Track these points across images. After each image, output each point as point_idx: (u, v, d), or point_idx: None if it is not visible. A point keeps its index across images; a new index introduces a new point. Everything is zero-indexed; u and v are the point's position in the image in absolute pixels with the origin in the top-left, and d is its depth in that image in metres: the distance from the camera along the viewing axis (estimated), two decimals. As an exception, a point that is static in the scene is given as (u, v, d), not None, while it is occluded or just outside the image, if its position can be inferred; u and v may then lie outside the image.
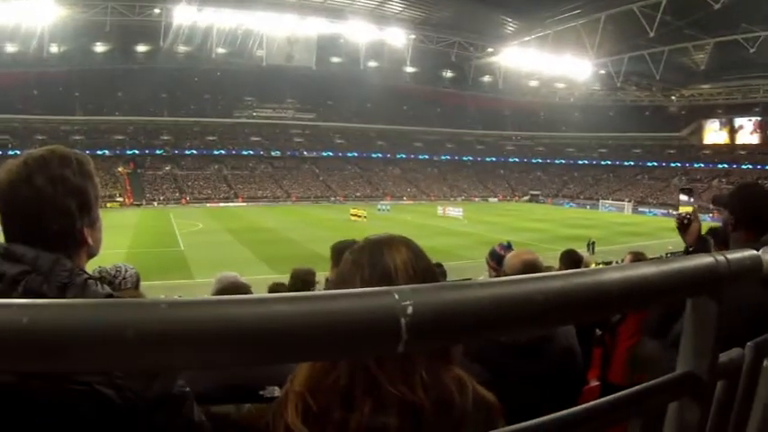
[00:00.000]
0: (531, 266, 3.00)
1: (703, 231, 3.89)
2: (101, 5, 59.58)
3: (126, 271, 3.54)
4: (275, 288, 6.75)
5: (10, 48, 66.98)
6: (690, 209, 3.22)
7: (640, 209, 73.49)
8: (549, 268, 4.42)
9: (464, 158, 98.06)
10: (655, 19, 57.52)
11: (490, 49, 79.97)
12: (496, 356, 2.60)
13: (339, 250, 4.27)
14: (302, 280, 5.21)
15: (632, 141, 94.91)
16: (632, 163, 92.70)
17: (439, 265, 4.81)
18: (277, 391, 2.27)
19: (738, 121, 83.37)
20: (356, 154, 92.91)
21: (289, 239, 39.45)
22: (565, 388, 2.83)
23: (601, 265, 11.07)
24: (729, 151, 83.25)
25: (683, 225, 3.32)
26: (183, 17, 63.52)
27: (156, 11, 63.05)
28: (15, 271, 1.37)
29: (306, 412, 1.17)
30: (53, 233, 1.47)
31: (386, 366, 1.14)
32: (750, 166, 77.40)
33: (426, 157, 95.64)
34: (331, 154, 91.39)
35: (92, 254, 1.61)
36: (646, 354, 3.60)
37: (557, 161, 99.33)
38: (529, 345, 2.74)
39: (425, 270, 1.28)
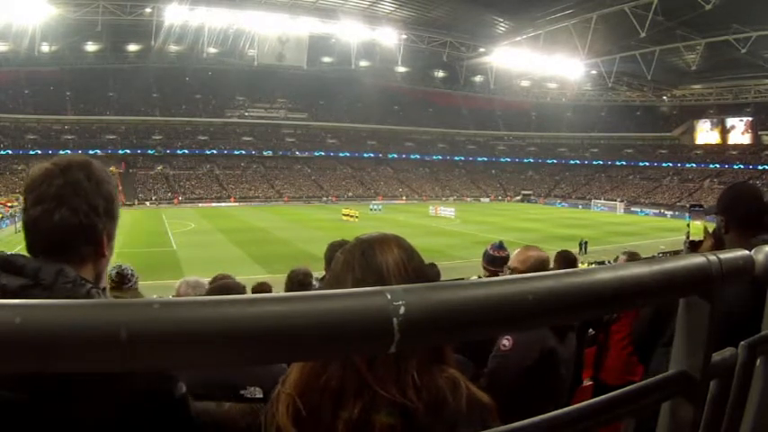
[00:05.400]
0: (544, 264, 3.16)
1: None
2: (92, 4, 59.09)
3: (131, 270, 3.63)
4: (259, 288, 6.67)
5: (1, 46, 66.47)
6: (701, 228, 3.11)
7: (632, 208, 73.88)
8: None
9: (456, 158, 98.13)
10: (646, 19, 57.53)
11: (482, 49, 79.79)
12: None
13: (333, 250, 4.26)
14: (299, 282, 5.12)
15: (624, 141, 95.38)
16: (624, 163, 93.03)
17: (433, 266, 4.80)
18: (259, 392, 2.26)
19: (730, 122, 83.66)
20: (348, 154, 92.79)
21: (281, 239, 39.39)
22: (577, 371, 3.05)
23: (593, 265, 11.11)
24: (721, 151, 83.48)
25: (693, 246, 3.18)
26: (174, 16, 63.10)
27: (148, 10, 62.53)
28: (16, 285, 1.27)
29: (296, 414, 1.16)
30: (78, 226, 1.40)
31: (377, 368, 1.13)
32: (742, 167, 77.85)
33: (418, 156, 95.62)
34: (323, 154, 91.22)
35: (99, 271, 1.50)
36: None
37: (548, 161, 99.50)
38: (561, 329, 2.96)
39: (417, 269, 1.26)
